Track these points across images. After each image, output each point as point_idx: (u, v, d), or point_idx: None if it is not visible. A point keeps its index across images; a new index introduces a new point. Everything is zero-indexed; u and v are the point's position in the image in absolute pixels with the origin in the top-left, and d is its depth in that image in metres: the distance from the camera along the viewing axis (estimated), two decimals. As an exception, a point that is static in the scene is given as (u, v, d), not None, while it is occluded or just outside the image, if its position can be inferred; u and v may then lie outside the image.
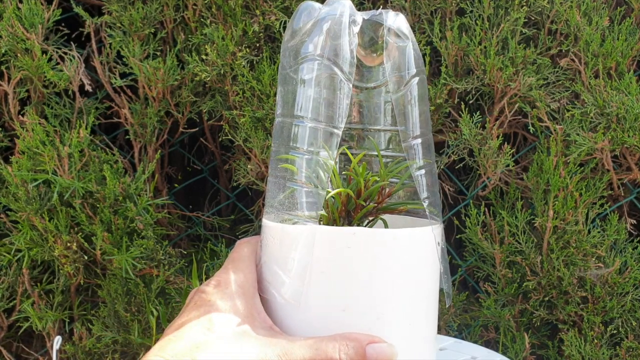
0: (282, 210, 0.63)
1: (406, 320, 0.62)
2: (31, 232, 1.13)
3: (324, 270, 0.60)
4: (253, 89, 1.10)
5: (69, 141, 1.12)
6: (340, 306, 0.60)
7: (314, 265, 0.60)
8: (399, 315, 0.61)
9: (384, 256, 0.60)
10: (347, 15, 0.63)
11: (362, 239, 0.60)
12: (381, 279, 0.60)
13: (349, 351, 0.57)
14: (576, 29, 1.06)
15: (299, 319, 0.62)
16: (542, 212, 1.06)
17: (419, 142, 0.64)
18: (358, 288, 0.60)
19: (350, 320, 0.60)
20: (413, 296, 0.62)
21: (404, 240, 0.61)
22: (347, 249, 0.60)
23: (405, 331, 0.62)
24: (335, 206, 0.66)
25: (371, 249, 0.60)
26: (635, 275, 1.04)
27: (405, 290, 0.62)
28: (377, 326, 0.60)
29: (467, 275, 1.18)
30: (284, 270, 0.62)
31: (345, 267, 0.60)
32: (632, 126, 1.01)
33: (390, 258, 0.61)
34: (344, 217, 0.66)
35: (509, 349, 1.10)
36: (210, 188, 1.35)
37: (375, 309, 0.60)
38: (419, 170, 0.64)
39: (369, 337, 0.58)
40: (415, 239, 0.62)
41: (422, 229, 0.63)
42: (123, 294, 1.14)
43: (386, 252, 0.60)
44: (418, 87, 0.64)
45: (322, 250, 0.60)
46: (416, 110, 0.64)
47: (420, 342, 0.64)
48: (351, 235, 0.60)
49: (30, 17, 1.14)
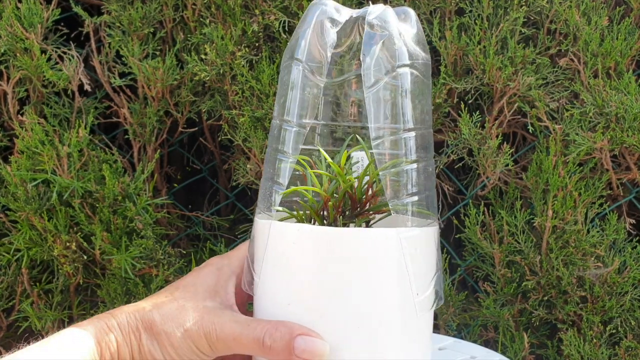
0: (262, 208, 0.67)
1: (354, 321, 0.61)
2: (30, 232, 1.13)
3: (275, 263, 0.62)
4: (252, 88, 1.10)
5: (68, 141, 1.12)
6: (285, 301, 0.62)
7: (267, 258, 0.62)
8: (344, 315, 0.61)
9: (326, 254, 0.61)
10: (325, 13, 0.64)
11: (306, 235, 0.61)
12: (324, 276, 0.61)
13: (276, 336, 0.58)
14: (575, 28, 1.06)
15: (255, 310, 0.65)
16: (541, 211, 1.06)
17: (411, 136, 0.64)
18: (303, 283, 0.61)
19: (294, 315, 0.61)
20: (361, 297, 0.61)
21: (348, 239, 0.61)
22: (292, 244, 0.61)
23: (350, 331, 0.61)
24: (314, 207, 0.66)
25: (316, 246, 0.61)
26: (635, 274, 1.04)
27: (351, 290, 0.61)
28: (320, 323, 0.60)
29: (466, 275, 1.18)
30: (250, 262, 0.66)
31: (291, 262, 0.62)
32: (631, 126, 1.01)
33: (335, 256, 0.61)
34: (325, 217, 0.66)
35: (508, 348, 1.10)
36: (209, 188, 1.35)
37: (319, 306, 0.61)
38: (409, 165, 0.63)
39: (304, 329, 0.59)
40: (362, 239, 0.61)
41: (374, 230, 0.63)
42: (122, 293, 1.14)
43: (329, 249, 0.61)
44: (411, 80, 0.64)
45: (274, 244, 0.62)
46: (408, 103, 0.63)
47: (407, 342, 0.63)
48: (296, 231, 0.61)
49: (29, 17, 1.13)
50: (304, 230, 0.61)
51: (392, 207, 0.63)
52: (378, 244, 0.61)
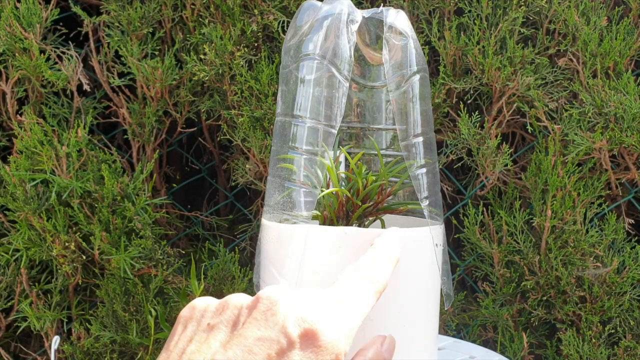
0: (280, 210, 0.63)
1: (399, 321, 0.61)
2: (29, 232, 1.13)
3: (315, 269, 0.60)
4: (251, 88, 1.10)
5: (67, 141, 1.12)
6: None
7: (305, 264, 0.60)
8: (392, 316, 0.61)
9: None
10: (346, 13, 0.63)
11: (352, 238, 0.60)
12: None
13: None
14: (574, 28, 1.06)
15: None
16: (541, 211, 1.06)
17: (420, 141, 0.64)
18: None
19: None
20: (406, 297, 0.61)
21: None
22: (338, 248, 0.59)
23: (399, 332, 0.61)
24: (333, 206, 0.65)
25: (362, 249, 0.60)
26: (633, 274, 1.04)
27: (397, 291, 0.61)
28: (369, 327, 0.60)
29: (465, 275, 1.18)
30: (278, 270, 0.62)
31: (336, 267, 0.59)
32: (630, 126, 1.01)
33: None
34: (342, 218, 0.66)
35: (507, 348, 1.10)
36: (208, 188, 1.35)
37: None
38: (419, 169, 0.64)
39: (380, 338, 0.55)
40: (407, 239, 0.61)
41: (416, 229, 0.63)
42: (121, 293, 1.14)
43: None
44: (420, 84, 0.64)
45: (314, 249, 0.60)
46: (417, 108, 0.64)
47: (414, 343, 0.63)
48: (342, 235, 0.60)
49: (28, 17, 1.13)
50: (351, 234, 0.60)
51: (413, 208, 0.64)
52: (421, 244, 0.62)
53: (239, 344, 0.42)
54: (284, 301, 0.44)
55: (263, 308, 0.43)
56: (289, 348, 0.41)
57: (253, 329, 0.42)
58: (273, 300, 0.44)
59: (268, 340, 0.42)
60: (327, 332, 0.43)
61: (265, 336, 0.42)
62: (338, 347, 0.43)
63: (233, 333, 0.43)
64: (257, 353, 0.41)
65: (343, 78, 0.62)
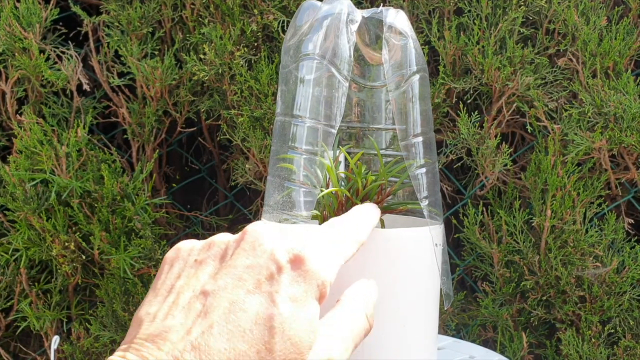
0: (280, 210, 0.63)
1: (399, 321, 0.62)
2: (29, 232, 1.13)
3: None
4: (251, 88, 1.10)
5: (67, 140, 1.12)
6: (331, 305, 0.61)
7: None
8: (391, 316, 0.61)
9: (374, 255, 0.60)
10: (346, 13, 0.63)
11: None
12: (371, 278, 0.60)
13: None
14: (574, 28, 1.06)
15: None
16: (540, 211, 1.06)
17: (419, 141, 0.64)
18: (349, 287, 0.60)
19: None
20: (406, 297, 0.62)
21: (395, 240, 0.61)
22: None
23: (399, 332, 0.61)
24: (332, 206, 0.65)
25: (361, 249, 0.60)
26: (633, 274, 1.04)
27: (397, 290, 0.61)
28: None
29: (465, 275, 1.18)
30: None
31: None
32: (630, 125, 1.01)
33: (382, 258, 0.61)
34: None
35: (507, 348, 1.10)
36: (208, 187, 1.35)
37: None
38: (419, 169, 0.64)
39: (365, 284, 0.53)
40: (407, 239, 0.61)
41: (415, 229, 0.63)
42: (121, 293, 1.14)
43: (377, 251, 0.60)
44: (419, 84, 0.64)
45: None
46: (417, 108, 0.64)
47: (414, 343, 0.63)
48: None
49: (28, 16, 1.13)
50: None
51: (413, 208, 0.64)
52: (421, 244, 0.62)
53: (228, 273, 0.42)
54: (270, 233, 0.44)
55: (251, 239, 0.44)
56: (278, 272, 0.42)
57: (242, 259, 0.43)
58: (260, 233, 0.44)
59: (257, 266, 0.42)
60: (313, 259, 0.43)
61: (254, 263, 0.42)
62: (324, 275, 0.44)
63: (222, 265, 0.43)
64: (246, 279, 0.41)
65: (343, 78, 0.62)
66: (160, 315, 0.41)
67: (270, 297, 0.41)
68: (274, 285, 0.41)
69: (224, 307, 0.40)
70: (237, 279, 0.41)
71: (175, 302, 0.41)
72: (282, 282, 0.41)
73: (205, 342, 0.38)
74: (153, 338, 0.39)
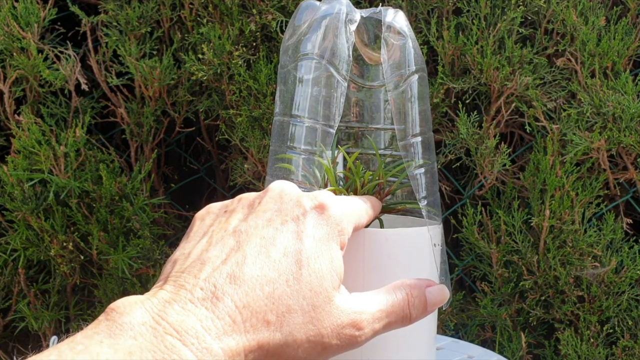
0: None
1: None
2: (27, 232, 1.13)
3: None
4: (250, 88, 1.10)
5: (65, 140, 1.12)
6: None
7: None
8: None
9: (374, 256, 0.60)
10: (344, 13, 0.63)
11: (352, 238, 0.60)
12: (371, 278, 0.60)
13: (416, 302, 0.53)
14: (573, 28, 1.06)
15: None
16: (539, 211, 1.06)
17: (418, 141, 0.64)
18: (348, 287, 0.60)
19: None
20: None
21: (395, 241, 0.61)
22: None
23: (397, 332, 0.61)
24: None
25: (361, 249, 0.60)
26: (632, 274, 1.04)
27: None
28: None
29: (463, 275, 1.18)
30: None
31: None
32: (629, 126, 1.01)
33: (381, 257, 0.61)
34: None
35: (505, 348, 1.10)
36: (207, 187, 1.35)
37: None
38: (418, 169, 0.64)
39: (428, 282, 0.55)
40: (406, 239, 0.62)
41: (414, 229, 0.63)
42: (119, 293, 1.14)
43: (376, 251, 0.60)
44: (418, 84, 0.64)
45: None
46: (416, 108, 0.64)
47: (413, 343, 0.63)
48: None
49: (26, 16, 1.13)
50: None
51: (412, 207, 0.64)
52: (420, 244, 0.62)
53: (258, 216, 0.46)
54: (294, 186, 0.49)
55: (278, 190, 0.48)
56: (303, 215, 0.46)
57: (270, 204, 0.47)
58: (285, 184, 0.49)
59: (284, 210, 0.47)
60: (335, 208, 0.48)
61: (282, 208, 0.47)
62: (343, 222, 0.48)
63: (250, 211, 0.47)
64: (275, 220, 0.46)
65: (341, 78, 0.62)
66: (195, 253, 0.44)
67: (298, 235, 0.45)
68: (300, 225, 0.45)
69: (256, 242, 0.44)
70: (267, 220, 0.46)
71: (209, 241, 0.45)
72: (307, 224, 0.46)
73: (240, 270, 0.42)
74: (189, 270, 0.42)
